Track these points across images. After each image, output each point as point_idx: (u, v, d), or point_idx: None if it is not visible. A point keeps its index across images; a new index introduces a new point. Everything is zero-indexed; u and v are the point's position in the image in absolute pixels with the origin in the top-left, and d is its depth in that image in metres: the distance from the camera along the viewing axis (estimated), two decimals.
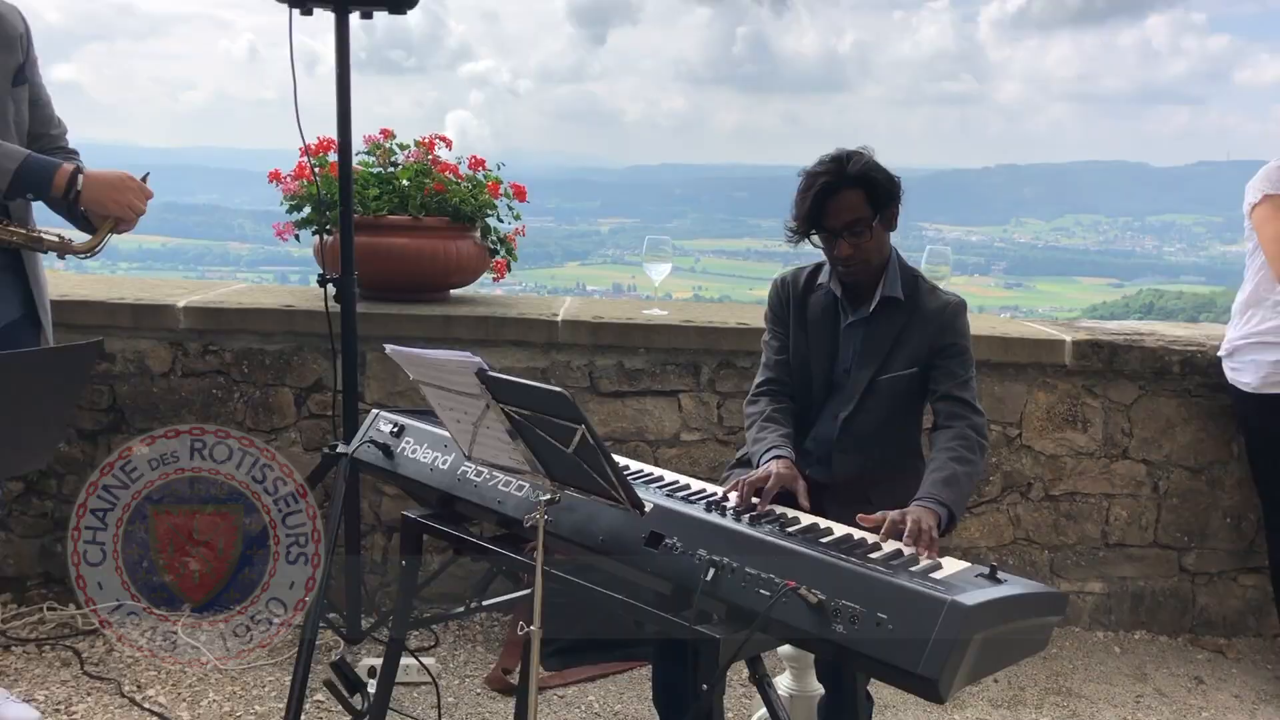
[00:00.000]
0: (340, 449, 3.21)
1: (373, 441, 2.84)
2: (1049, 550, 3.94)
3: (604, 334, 3.75)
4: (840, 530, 2.29)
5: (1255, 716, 3.49)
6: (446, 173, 3.93)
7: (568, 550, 2.37)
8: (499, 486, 2.54)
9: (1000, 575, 2.03)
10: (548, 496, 2.25)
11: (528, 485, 2.47)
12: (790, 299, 2.82)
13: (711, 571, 2.10)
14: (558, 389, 2.02)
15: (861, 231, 2.59)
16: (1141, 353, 3.79)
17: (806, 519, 2.35)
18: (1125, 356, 3.78)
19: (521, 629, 2.24)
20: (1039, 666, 3.71)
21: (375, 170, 4.02)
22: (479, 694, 3.39)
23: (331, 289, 3.28)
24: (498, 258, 4.05)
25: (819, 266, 2.78)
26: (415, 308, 3.82)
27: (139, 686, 3.34)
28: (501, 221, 4.04)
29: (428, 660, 3.45)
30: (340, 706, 2.63)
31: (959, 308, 2.68)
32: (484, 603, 3.02)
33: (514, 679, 3.38)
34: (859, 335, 2.71)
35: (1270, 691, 3.64)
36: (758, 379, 2.85)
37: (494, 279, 4.11)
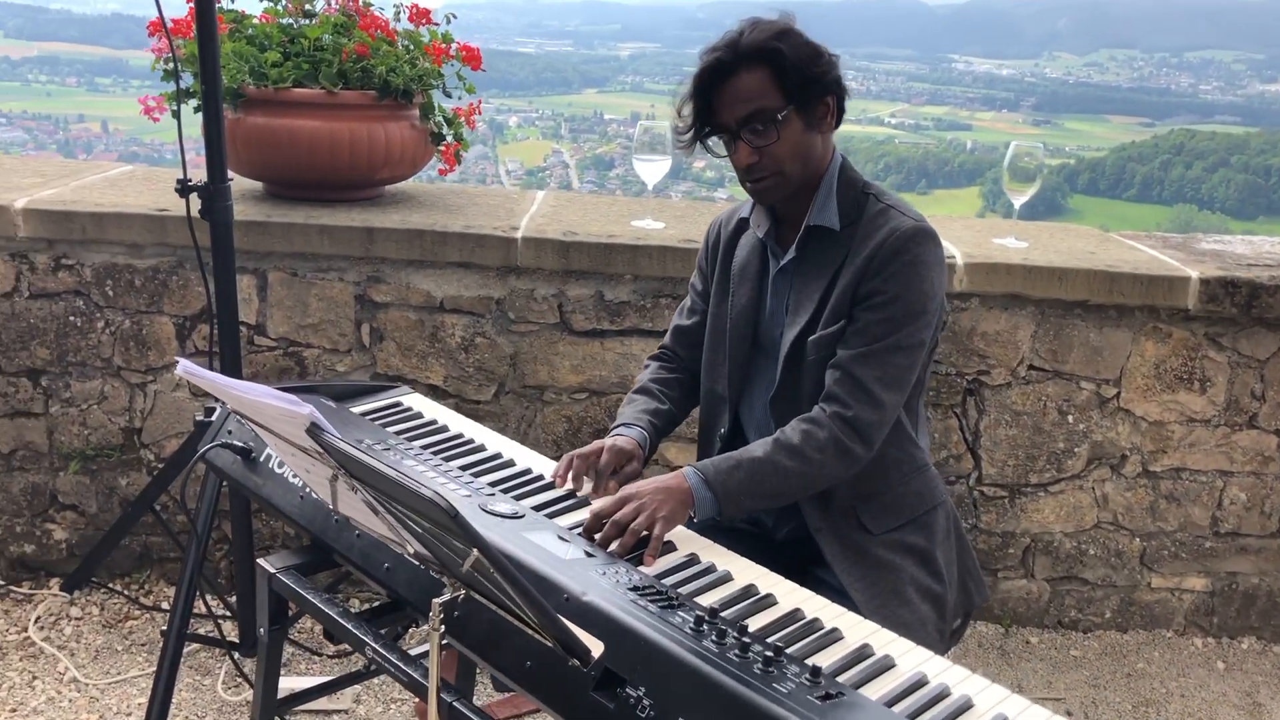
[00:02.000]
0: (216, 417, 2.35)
1: (228, 444, 1.99)
2: (1141, 538, 3.10)
3: (578, 256, 2.83)
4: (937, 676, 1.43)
5: None
6: (374, 31, 2.95)
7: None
8: (389, 545, 1.70)
9: None
10: (446, 597, 1.42)
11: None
12: (719, 243, 2.04)
13: None
14: (431, 495, 1.15)
15: (765, 128, 1.78)
16: None
17: (852, 634, 1.50)
18: (1270, 300, 2.86)
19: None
20: (1121, 689, 2.93)
21: (286, 22, 3.04)
22: None
23: (196, 200, 2.38)
24: (445, 142, 3.10)
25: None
26: (331, 213, 2.89)
27: None
28: (449, 96, 3.07)
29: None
30: None
31: (907, 238, 1.80)
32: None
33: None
34: (791, 283, 1.91)
35: None
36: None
37: (441, 170, 3.17)
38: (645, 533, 1.67)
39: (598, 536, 1.66)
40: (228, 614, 2.86)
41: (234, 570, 2.72)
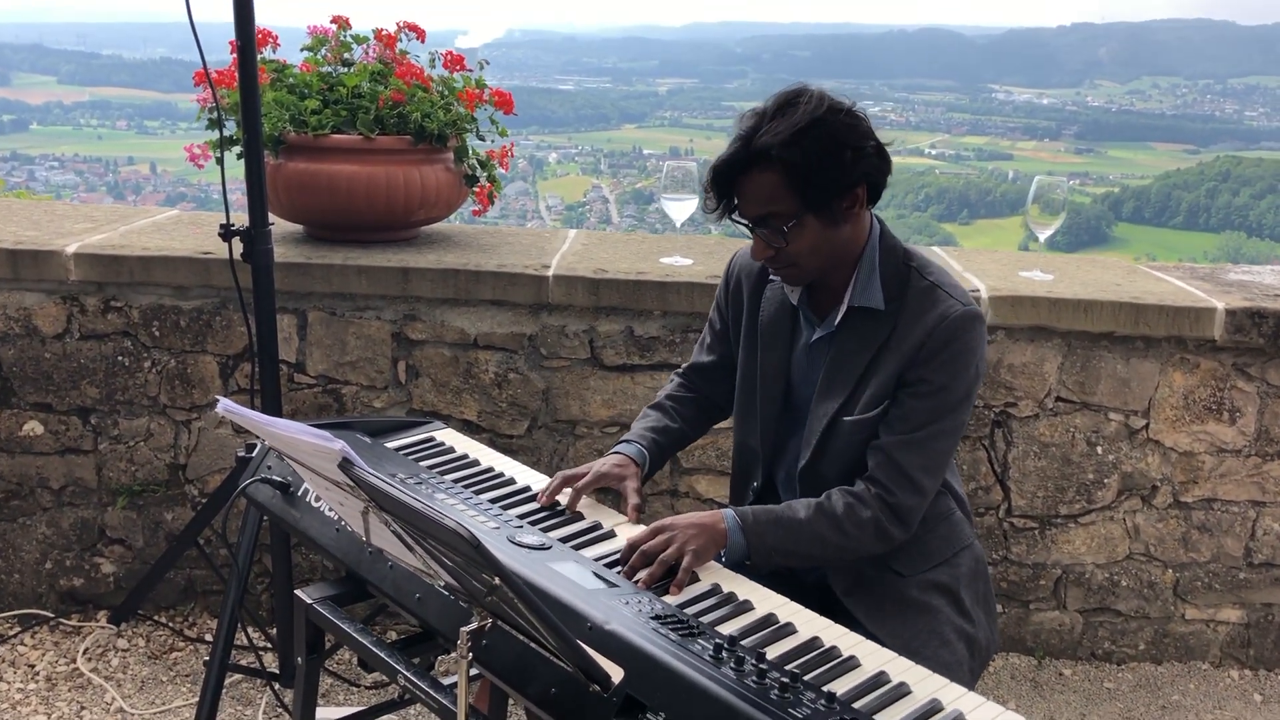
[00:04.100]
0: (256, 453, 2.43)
1: (267, 479, 2.06)
2: (1174, 569, 3.09)
3: (607, 293, 2.90)
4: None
5: None
6: (409, 78, 3.04)
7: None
8: (420, 576, 1.76)
9: None
10: (473, 625, 1.47)
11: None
12: (741, 289, 2.02)
13: None
14: (454, 525, 1.20)
15: (776, 233, 1.75)
16: None
17: (869, 662, 1.53)
18: None
19: None
20: None
21: (326, 70, 3.14)
22: None
23: (239, 244, 2.47)
24: (479, 184, 3.18)
25: None
26: (368, 254, 2.98)
27: None
28: (483, 140, 3.16)
29: None
30: None
31: (957, 327, 1.78)
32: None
33: None
34: (825, 355, 1.89)
35: None
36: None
37: (475, 211, 3.25)
38: (673, 564, 1.72)
39: (626, 566, 1.72)
40: (269, 646, 2.93)
41: (274, 603, 2.79)
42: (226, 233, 2.47)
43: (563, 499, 1.93)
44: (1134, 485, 3.02)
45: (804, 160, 1.69)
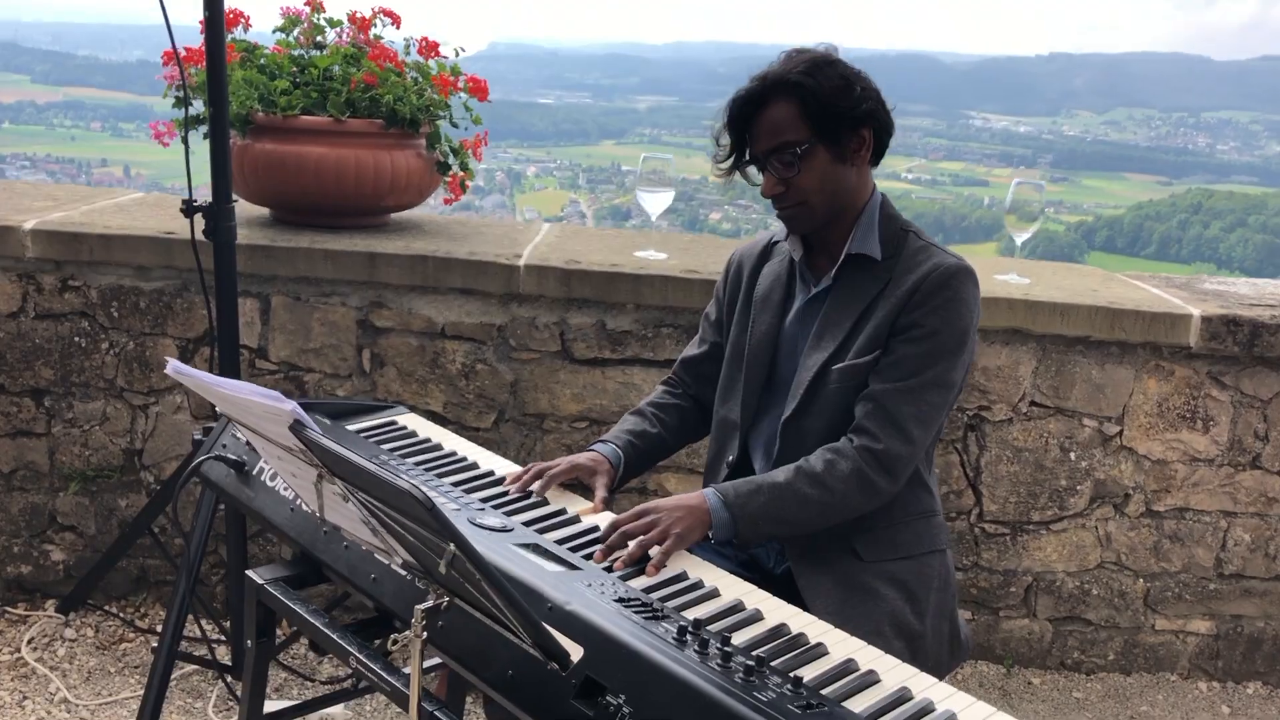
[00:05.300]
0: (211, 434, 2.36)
1: (221, 457, 1.99)
2: (1145, 579, 3.06)
3: (580, 284, 2.85)
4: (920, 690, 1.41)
5: None
6: (382, 62, 2.99)
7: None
8: (376, 556, 1.70)
9: None
10: (428, 604, 1.42)
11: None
12: (741, 273, 2.04)
13: None
14: (407, 486, 1.15)
15: (789, 161, 1.81)
16: None
17: (837, 650, 1.49)
18: (1271, 339, 2.85)
19: None
20: None
21: (298, 53, 3.09)
22: None
23: (200, 220, 2.41)
24: (451, 172, 3.13)
25: None
26: (335, 239, 2.91)
27: None
28: (456, 126, 3.11)
29: (334, 711, 2.66)
30: None
31: (951, 275, 1.82)
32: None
33: None
34: (822, 310, 1.90)
35: None
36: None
37: (447, 200, 3.19)
38: (655, 547, 1.67)
39: (605, 545, 1.66)
40: (223, 638, 2.85)
41: (228, 593, 2.71)
42: (189, 208, 2.40)
43: (533, 488, 1.88)
44: (1106, 493, 2.99)
45: (819, 88, 1.77)
